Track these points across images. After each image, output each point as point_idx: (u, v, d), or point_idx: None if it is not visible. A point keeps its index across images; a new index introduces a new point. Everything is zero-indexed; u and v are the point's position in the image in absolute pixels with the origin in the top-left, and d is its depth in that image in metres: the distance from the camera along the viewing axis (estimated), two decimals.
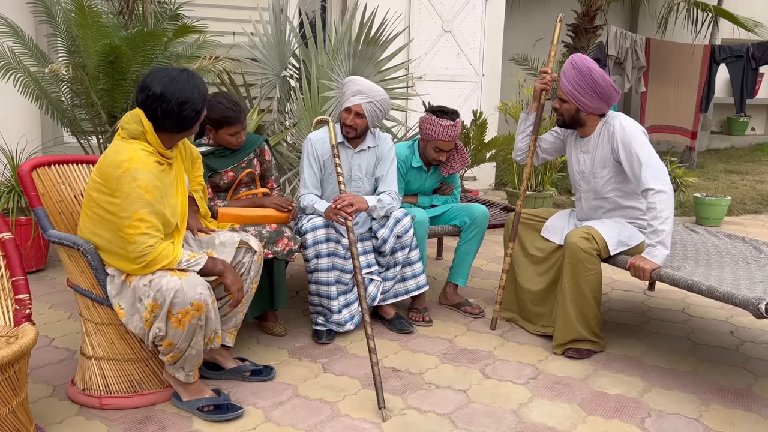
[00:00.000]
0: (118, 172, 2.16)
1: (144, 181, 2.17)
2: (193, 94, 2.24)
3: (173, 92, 2.21)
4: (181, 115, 2.24)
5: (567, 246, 2.87)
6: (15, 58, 3.99)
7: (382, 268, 3.21)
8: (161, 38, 3.92)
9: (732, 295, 2.42)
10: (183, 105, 2.23)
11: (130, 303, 2.27)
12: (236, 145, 2.98)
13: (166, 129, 2.27)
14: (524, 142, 3.26)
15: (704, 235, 3.48)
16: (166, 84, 2.21)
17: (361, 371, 2.77)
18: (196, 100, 2.26)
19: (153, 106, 2.22)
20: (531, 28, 8.72)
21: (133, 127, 2.24)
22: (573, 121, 3.01)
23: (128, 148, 2.20)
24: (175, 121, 2.25)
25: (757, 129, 11.65)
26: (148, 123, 2.24)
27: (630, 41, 7.82)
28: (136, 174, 2.16)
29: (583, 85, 2.87)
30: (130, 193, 2.16)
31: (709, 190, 6.95)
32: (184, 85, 2.23)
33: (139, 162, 2.18)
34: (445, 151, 3.39)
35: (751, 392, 2.68)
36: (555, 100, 3.02)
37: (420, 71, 6.58)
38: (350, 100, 3.10)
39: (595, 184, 3.02)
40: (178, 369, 2.35)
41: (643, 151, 2.79)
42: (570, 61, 2.93)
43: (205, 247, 2.55)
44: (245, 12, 5.07)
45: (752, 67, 8.00)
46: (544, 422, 2.40)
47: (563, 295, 2.91)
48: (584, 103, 2.91)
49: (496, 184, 7.17)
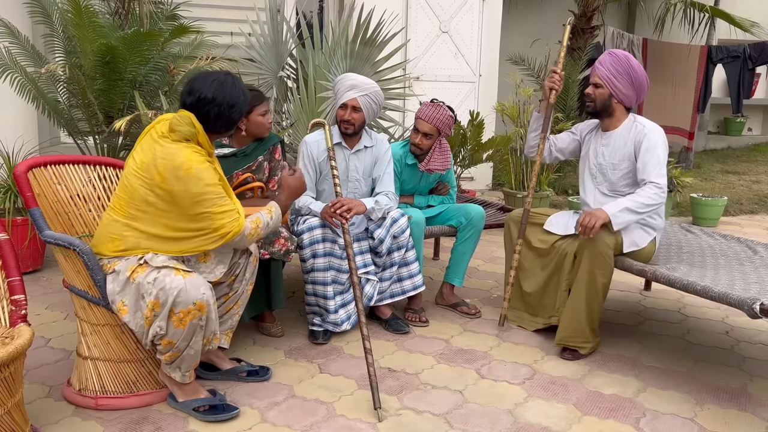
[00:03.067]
0: (180, 173, 2.24)
1: (210, 179, 2.29)
2: (240, 97, 2.38)
3: (224, 96, 2.34)
4: (231, 117, 2.38)
5: (591, 239, 2.86)
6: (11, 59, 3.99)
7: (378, 268, 3.21)
8: (158, 38, 3.93)
9: (727, 296, 2.43)
10: (232, 108, 2.36)
11: (134, 300, 2.28)
12: (269, 127, 3.02)
13: (216, 130, 2.39)
14: (536, 141, 3.31)
15: (700, 235, 3.49)
16: (217, 88, 2.33)
17: (357, 371, 2.77)
18: (243, 103, 2.41)
19: (205, 109, 2.33)
20: (528, 28, 8.72)
21: (185, 129, 2.31)
22: (603, 108, 3.05)
23: (183, 153, 2.28)
24: (225, 123, 2.38)
25: (754, 129, 11.67)
26: (199, 125, 2.33)
27: (627, 42, 7.84)
28: (201, 174, 2.26)
29: (621, 70, 2.97)
30: (204, 195, 2.27)
31: (705, 190, 6.96)
32: (232, 88, 2.36)
33: (198, 163, 2.28)
34: (422, 133, 3.38)
35: (746, 392, 2.69)
36: (588, 87, 3.07)
37: (417, 72, 6.58)
38: (345, 95, 3.10)
39: (612, 176, 3.05)
40: (174, 369, 2.35)
41: (661, 156, 2.92)
42: (608, 52, 3.06)
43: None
44: (242, 12, 5.08)
45: (749, 67, 8.01)
46: (540, 422, 2.41)
47: (578, 288, 2.91)
48: (618, 89, 2.98)
49: (493, 184, 7.18)
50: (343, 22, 4.35)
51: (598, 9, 7.63)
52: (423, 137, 3.38)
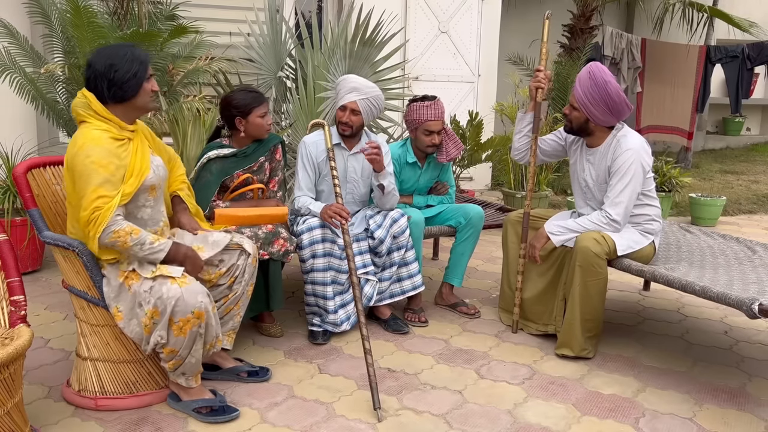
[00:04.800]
0: (73, 153, 2.19)
1: (97, 156, 2.17)
2: (123, 56, 2.24)
3: (101, 57, 2.24)
4: (113, 79, 2.23)
5: (578, 250, 2.84)
6: (10, 59, 3.98)
7: (378, 268, 3.21)
8: (157, 39, 3.93)
9: (725, 296, 2.43)
10: (112, 67, 2.22)
11: (129, 307, 2.27)
12: (268, 128, 3.02)
13: (114, 98, 2.25)
14: (521, 142, 3.23)
15: (699, 235, 3.49)
16: (97, 53, 2.26)
17: (356, 372, 2.77)
18: (128, 62, 2.24)
19: (87, 77, 2.25)
20: (527, 28, 8.72)
21: (78, 102, 2.26)
22: (581, 130, 3.00)
23: (82, 132, 2.23)
24: (109, 85, 2.24)
25: (753, 129, 11.69)
26: (91, 95, 2.25)
27: (626, 42, 7.84)
28: (89, 151, 2.17)
29: (597, 97, 2.85)
30: (84, 171, 2.17)
31: (704, 190, 6.97)
32: (114, 50, 2.26)
33: (92, 140, 2.19)
34: (435, 132, 3.38)
35: (745, 392, 2.69)
36: (566, 106, 3.02)
37: (416, 72, 6.58)
38: (345, 97, 3.10)
39: (598, 195, 3.03)
40: (178, 375, 2.37)
41: (628, 182, 2.86)
42: (588, 69, 2.90)
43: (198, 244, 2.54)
44: (241, 12, 5.08)
45: (747, 67, 8.02)
46: (539, 422, 2.41)
47: (572, 299, 2.89)
48: (594, 115, 2.90)
49: (492, 184, 7.18)
50: (342, 23, 4.35)
51: (596, 9, 7.63)
52: (437, 135, 3.40)
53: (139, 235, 2.24)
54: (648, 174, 2.95)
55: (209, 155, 2.98)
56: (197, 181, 2.97)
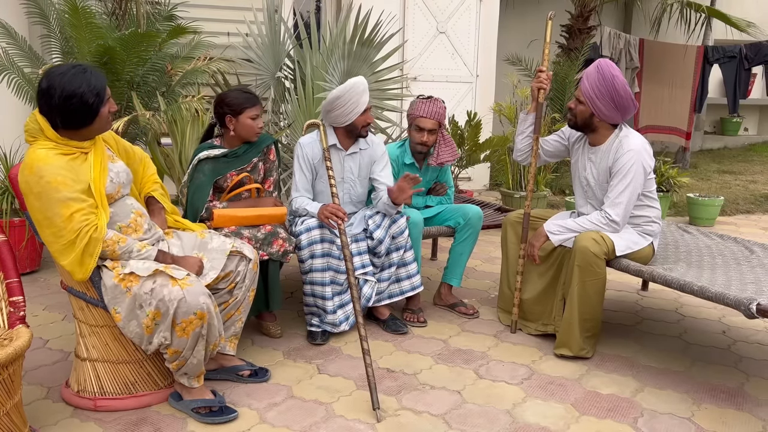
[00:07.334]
0: (25, 179, 2.15)
1: (50, 175, 2.12)
2: (80, 87, 2.13)
3: (56, 87, 2.12)
4: (69, 109, 2.14)
5: (577, 250, 2.85)
6: (9, 59, 3.98)
7: (376, 268, 3.21)
8: (155, 39, 3.92)
9: (724, 296, 2.44)
10: (69, 99, 2.12)
11: (129, 309, 2.27)
12: (258, 132, 2.99)
13: (58, 126, 2.16)
14: (524, 143, 3.22)
15: (697, 235, 3.50)
16: (53, 78, 2.13)
17: (355, 372, 2.78)
18: (86, 94, 2.14)
19: (41, 102, 2.15)
20: (525, 28, 8.74)
21: (31, 126, 2.19)
22: (585, 125, 2.98)
23: (29, 155, 2.16)
24: (63, 117, 2.15)
25: (750, 129, 11.71)
26: (42, 119, 2.16)
27: (624, 42, 7.85)
28: (41, 172, 2.12)
29: (603, 91, 2.84)
30: (42, 192, 2.13)
31: (702, 190, 6.98)
32: (72, 78, 2.13)
33: (39, 160, 2.12)
34: (426, 130, 3.37)
35: (743, 391, 2.70)
36: (572, 101, 3.00)
37: (414, 72, 6.59)
38: (362, 101, 3.06)
39: (600, 194, 3.02)
40: (182, 375, 2.38)
41: (629, 183, 2.86)
42: (596, 64, 2.89)
43: (197, 251, 2.55)
44: (239, 12, 5.07)
45: (745, 67, 8.04)
46: (538, 422, 2.42)
47: (571, 299, 2.89)
48: (600, 109, 2.88)
49: (491, 184, 7.19)
50: (340, 23, 4.35)
51: (594, 9, 7.64)
52: (428, 134, 3.39)
53: (126, 243, 2.28)
54: (649, 175, 2.95)
55: (200, 156, 2.96)
56: (191, 183, 2.96)
